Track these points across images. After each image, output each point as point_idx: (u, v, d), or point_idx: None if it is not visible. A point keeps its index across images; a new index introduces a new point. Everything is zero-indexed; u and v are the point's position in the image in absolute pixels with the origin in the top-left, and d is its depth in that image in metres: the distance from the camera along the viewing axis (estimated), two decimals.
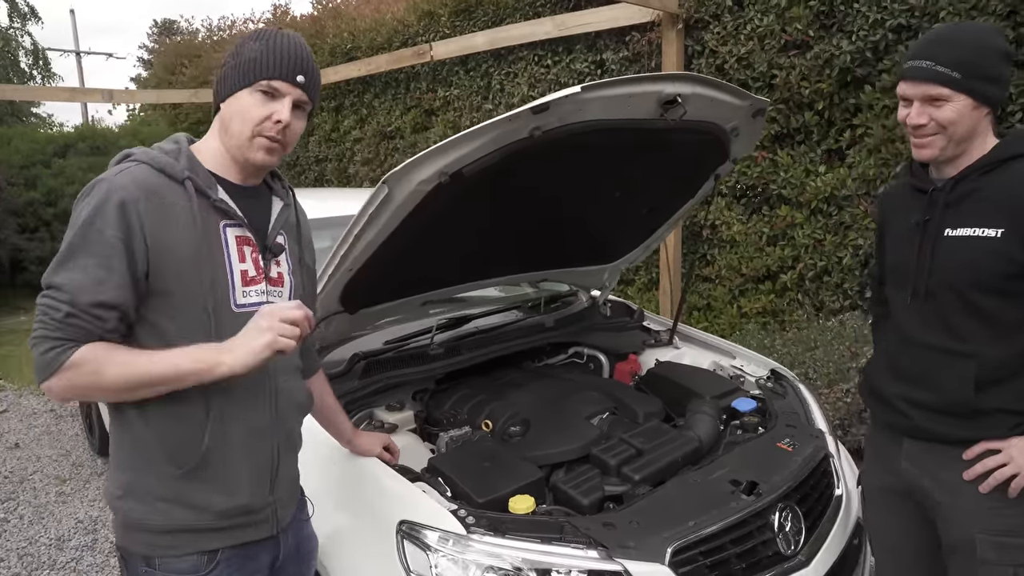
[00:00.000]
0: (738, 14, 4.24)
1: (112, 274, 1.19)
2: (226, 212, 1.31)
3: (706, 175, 2.43)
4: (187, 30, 12.34)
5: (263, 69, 1.29)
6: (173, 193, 1.26)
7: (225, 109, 1.33)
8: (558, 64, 5.32)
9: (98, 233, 1.19)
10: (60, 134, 9.95)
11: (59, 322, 1.18)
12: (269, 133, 1.31)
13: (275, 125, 1.30)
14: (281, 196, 1.45)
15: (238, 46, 1.33)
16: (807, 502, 1.87)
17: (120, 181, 1.22)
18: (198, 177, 1.28)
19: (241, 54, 1.31)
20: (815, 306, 4.22)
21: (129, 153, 1.29)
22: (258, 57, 1.29)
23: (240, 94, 1.30)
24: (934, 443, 1.58)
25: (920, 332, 1.57)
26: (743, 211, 4.50)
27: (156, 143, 1.34)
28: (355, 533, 1.72)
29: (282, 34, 1.33)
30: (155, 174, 1.26)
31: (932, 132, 1.48)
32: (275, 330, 1.21)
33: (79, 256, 1.20)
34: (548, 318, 2.74)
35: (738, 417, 2.25)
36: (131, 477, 1.32)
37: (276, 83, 1.29)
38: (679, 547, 1.58)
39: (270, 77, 1.29)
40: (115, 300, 1.20)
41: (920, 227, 1.57)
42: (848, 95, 3.88)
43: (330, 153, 7.88)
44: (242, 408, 1.34)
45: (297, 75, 1.31)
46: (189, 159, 1.30)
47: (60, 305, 1.18)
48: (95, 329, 1.20)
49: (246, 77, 1.29)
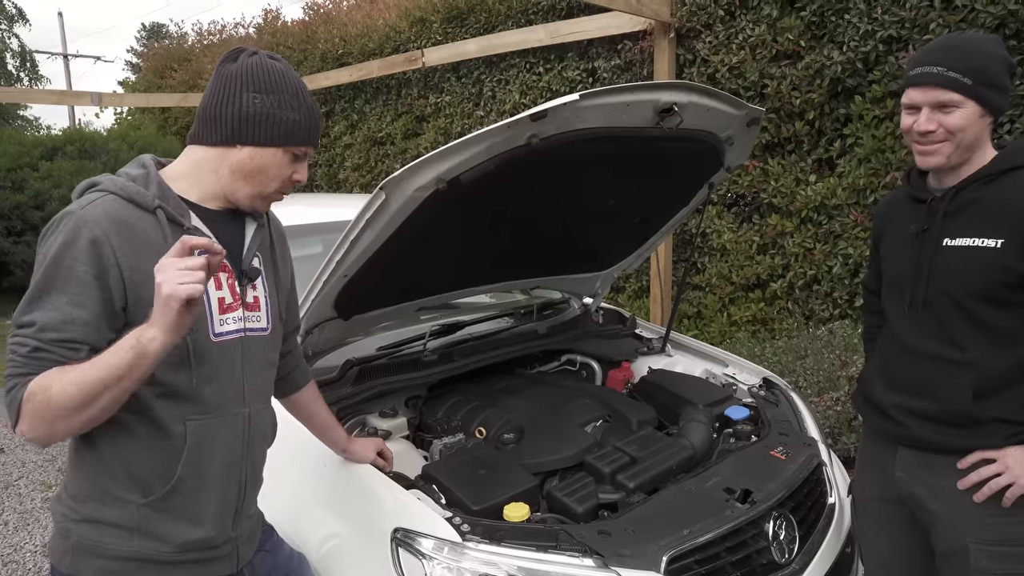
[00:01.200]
0: (730, 24, 4.27)
1: (83, 311, 1.16)
2: None
3: (700, 183, 2.44)
4: (176, 34, 12.28)
5: (304, 136, 1.33)
6: (144, 223, 1.22)
7: (249, 157, 1.29)
8: (550, 72, 5.34)
9: (68, 270, 1.16)
10: (48, 137, 9.85)
11: (24, 357, 1.14)
12: (287, 190, 1.36)
13: (294, 184, 1.35)
14: (254, 217, 1.43)
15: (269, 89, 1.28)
16: (801, 510, 1.87)
17: (90, 215, 1.18)
18: (169, 205, 1.25)
19: (279, 109, 1.28)
20: (805, 315, 4.24)
21: (95, 182, 1.26)
22: (301, 121, 1.31)
23: (274, 150, 1.30)
24: (929, 452, 1.58)
25: (918, 341, 1.58)
26: (734, 219, 4.52)
27: (122, 168, 1.31)
28: (349, 541, 1.70)
29: (305, 89, 1.35)
30: (124, 204, 1.22)
31: (940, 139, 1.49)
32: (172, 281, 1.06)
33: (51, 294, 1.16)
34: (541, 325, 2.74)
35: (731, 425, 2.26)
36: (91, 499, 1.28)
37: (309, 149, 1.36)
38: (674, 555, 1.57)
39: (307, 144, 1.34)
40: (84, 338, 1.16)
41: (919, 237, 1.58)
42: (838, 105, 3.92)
43: (320, 159, 7.86)
44: (218, 437, 1.32)
45: (319, 139, 1.38)
46: (159, 186, 1.26)
47: (27, 341, 1.15)
48: (64, 361, 1.15)
49: (287, 138, 1.30)
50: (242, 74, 1.27)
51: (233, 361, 1.34)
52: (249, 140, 1.28)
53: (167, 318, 1.07)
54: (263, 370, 1.43)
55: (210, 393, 1.30)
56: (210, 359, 1.29)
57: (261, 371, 1.42)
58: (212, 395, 1.30)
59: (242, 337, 1.35)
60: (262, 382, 1.43)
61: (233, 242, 1.36)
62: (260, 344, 1.40)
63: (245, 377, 1.36)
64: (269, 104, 1.27)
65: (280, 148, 1.30)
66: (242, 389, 1.36)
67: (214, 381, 1.30)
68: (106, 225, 1.18)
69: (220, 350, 1.31)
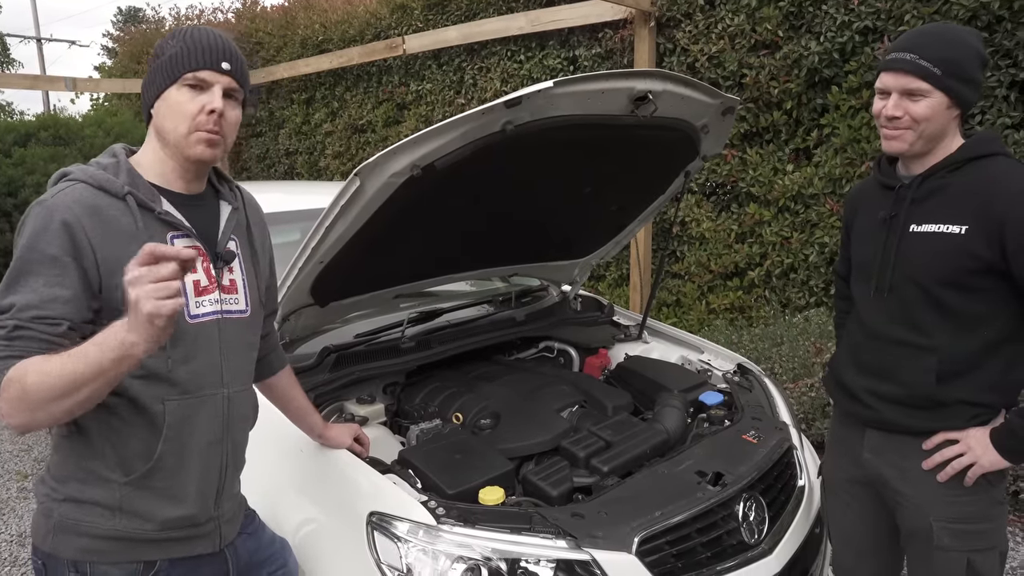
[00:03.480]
0: (709, 13, 4.29)
1: (63, 290, 1.16)
2: (172, 224, 1.29)
3: (676, 172, 2.46)
4: (153, 19, 12.07)
5: (186, 62, 1.27)
6: (114, 209, 1.23)
7: (156, 112, 1.30)
8: (531, 60, 5.34)
9: (42, 254, 1.16)
10: (21, 123, 9.65)
11: (5, 340, 1.14)
12: (206, 126, 1.28)
13: (210, 116, 1.27)
14: (229, 200, 1.42)
15: (158, 48, 1.31)
16: (771, 493, 1.90)
17: (60, 201, 1.19)
18: (139, 191, 1.25)
19: (162, 54, 1.29)
20: (781, 302, 4.30)
21: (66, 172, 1.26)
22: (178, 52, 1.27)
23: (168, 93, 1.28)
24: (896, 434, 1.62)
25: (884, 326, 1.62)
26: (712, 208, 4.56)
27: (94, 158, 1.31)
28: (326, 525, 1.71)
29: (198, 28, 1.31)
30: (95, 192, 1.22)
31: (905, 126, 1.52)
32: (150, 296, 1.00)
33: (27, 277, 1.16)
34: (519, 312, 2.75)
35: (705, 410, 2.29)
36: (73, 480, 1.29)
37: (202, 73, 1.27)
38: (646, 536, 1.60)
39: (195, 68, 1.27)
40: (63, 315, 1.16)
41: (886, 223, 1.61)
42: (816, 95, 3.96)
43: (301, 146, 7.80)
44: (197, 417, 1.33)
45: (221, 62, 1.28)
46: (129, 173, 1.27)
47: (5, 322, 1.14)
48: (45, 336, 1.14)
49: (170, 74, 1.27)
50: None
51: (210, 343, 1.34)
52: (151, 98, 1.30)
53: (150, 332, 1.03)
54: (243, 352, 1.44)
55: (187, 374, 1.30)
56: (185, 341, 1.29)
57: (240, 353, 1.43)
58: (189, 376, 1.31)
59: (219, 319, 1.36)
60: (242, 363, 1.44)
61: (208, 225, 1.36)
62: (238, 326, 1.40)
63: (224, 358, 1.37)
64: (157, 57, 1.29)
65: (172, 87, 1.27)
66: (220, 370, 1.36)
67: (191, 362, 1.31)
68: (77, 210, 1.19)
69: (196, 332, 1.31)
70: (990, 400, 1.54)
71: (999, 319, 1.51)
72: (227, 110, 1.30)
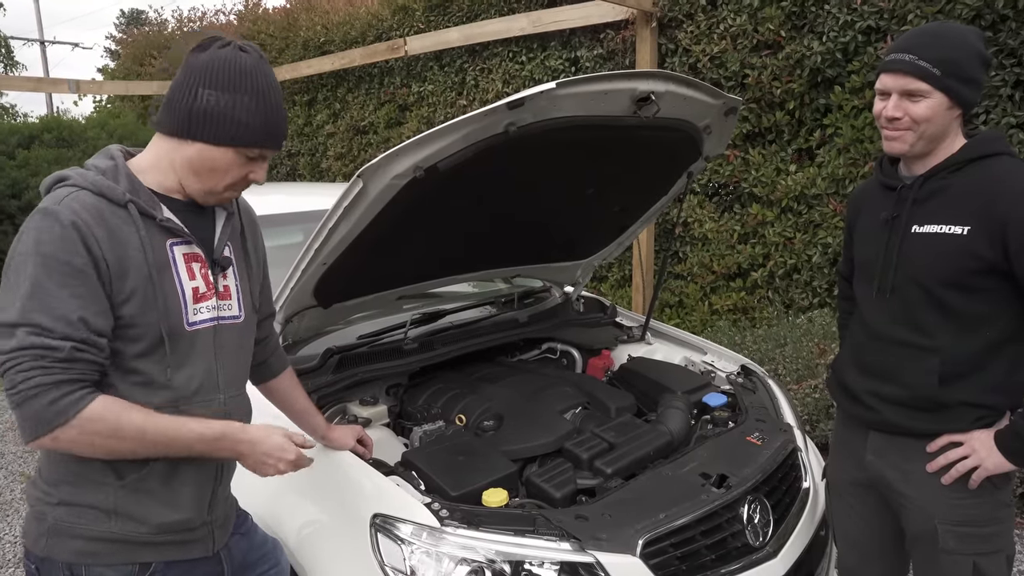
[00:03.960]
0: (711, 14, 4.28)
1: (90, 301, 1.16)
2: (173, 231, 1.28)
3: (679, 173, 2.46)
4: (156, 20, 12.10)
5: (260, 139, 1.25)
6: (116, 217, 1.21)
7: (199, 153, 1.25)
8: (533, 61, 5.33)
9: (65, 263, 1.14)
10: (24, 125, 9.68)
11: (64, 362, 1.12)
12: (240, 189, 1.30)
13: (249, 184, 1.30)
14: (224, 206, 1.41)
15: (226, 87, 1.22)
16: (775, 495, 1.90)
17: (68, 208, 1.17)
18: (140, 199, 1.24)
19: (232, 109, 1.22)
20: (785, 303, 4.29)
21: (63, 176, 1.23)
22: (255, 124, 1.23)
23: (224, 150, 1.24)
24: (898, 436, 1.62)
25: (886, 327, 1.61)
26: (715, 209, 4.55)
27: (89, 159, 1.28)
28: (328, 527, 1.71)
29: (272, 89, 1.26)
30: (96, 199, 1.20)
31: (905, 127, 1.51)
32: (274, 464, 1.36)
33: (49, 289, 1.13)
34: (522, 314, 2.75)
35: (709, 412, 2.28)
36: (67, 483, 1.28)
37: (267, 152, 1.29)
38: (650, 539, 1.60)
39: (261, 147, 1.27)
40: (104, 327, 1.17)
41: (888, 223, 1.60)
42: (818, 95, 3.95)
43: (303, 147, 7.80)
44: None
45: (283, 140, 1.29)
46: (128, 179, 1.24)
47: (59, 343, 1.12)
48: (99, 359, 1.17)
49: (237, 140, 1.24)
50: (204, 67, 1.22)
51: (206, 349, 1.34)
52: (198, 136, 1.24)
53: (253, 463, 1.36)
54: (237, 358, 1.43)
55: (184, 380, 1.30)
56: (184, 348, 1.29)
57: (235, 359, 1.42)
58: (186, 383, 1.30)
59: (215, 325, 1.35)
60: (236, 369, 1.44)
61: (204, 232, 1.36)
62: (233, 332, 1.40)
63: (219, 365, 1.37)
64: (224, 103, 1.21)
65: (230, 148, 1.25)
66: (216, 376, 1.36)
67: (188, 369, 1.31)
68: (86, 217, 1.17)
69: (194, 339, 1.31)
70: (994, 402, 1.53)
71: (1002, 320, 1.50)
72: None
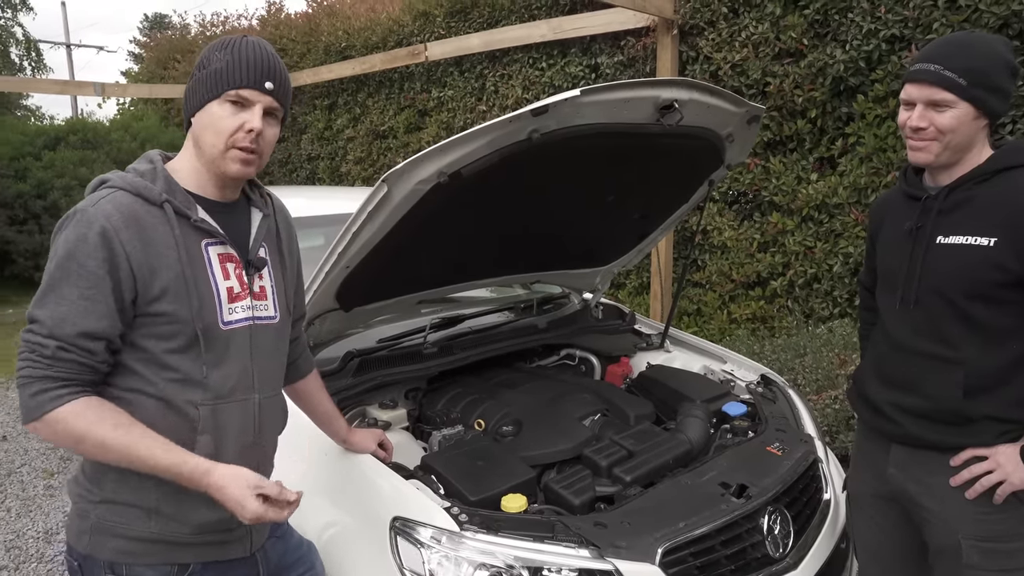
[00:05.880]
0: (733, 21, 4.27)
1: (97, 304, 1.18)
2: (207, 231, 1.31)
3: (700, 181, 2.45)
4: (179, 25, 12.27)
5: (230, 79, 1.27)
6: (153, 217, 1.24)
7: (196, 123, 1.31)
8: (552, 67, 5.34)
9: (80, 266, 1.18)
10: (51, 127, 9.86)
11: (48, 359, 1.17)
12: (243, 144, 1.28)
13: (247, 135, 1.28)
14: (260, 207, 1.44)
15: (204, 57, 1.31)
16: (796, 506, 1.89)
17: (100, 210, 1.20)
18: (176, 199, 1.27)
19: (208, 66, 1.29)
20: (805, 313, 4.25)
21: (105, 179, 1.28)
22: (224, 67, 1.27)
23: (209, 106, 1.28)
24: (922, 449, 1.60)
25: (909, 338, 1.59)
26: (735, 217, 4.53)
27: (131, 164, 1.32)
28: (349, 529, 1.72)
29: (247, 41, 1.30)
30: (133, 199, 1.24)
31: (931, 137, 1.50)
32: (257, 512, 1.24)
33: (61, 288, 1.18)
34: (541, 320, 2.75)
35: (728, 421, 2.27)
36: (110, 482, 1.30)
37: (245, 92, 1.27)
38: (669, 548, 1.59)
39: (238, 86, 1.27)
40: (99, 330, 1.19)
41: (912, 234, 1.59)
42: (841, 104, 3.93)
43: (323, 151, 7.87)
44: (231, 422, 1.34)
45: (265, 82, 1.28)
46: (166, 180, 1.28)
47: (46, 341, 1.17)
48: (86, 361, 1.19)
49: (214, 88, 1.27)
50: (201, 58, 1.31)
51: (242, 349, 1.36)
52: (192, 109, 1.31)
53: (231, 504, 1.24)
54: (273, 358, 1.45)
55: (220, 379, 1.32)
56: (219, 347, 1.31)
57: (271, 358, 1.44)
58: (222, 381, 1.32)
59: (251, 325, 1.37)
60: (272, 369, 1.45)
61: (239, 232, 1.38)
62: (269, 332, 1.42)
63: (255, 364, 1.38)
64: (204, 70, 1.29)
65: (214, 101, 1.28)
66: (251, 376, 1.38)
67: (224, 368, 1.33)
68: (116, 220, 1.20)
69: (229, 338, 1.33)
70: (1020, 416, 1.51)
71: None
72: (266, 128, 1.31)
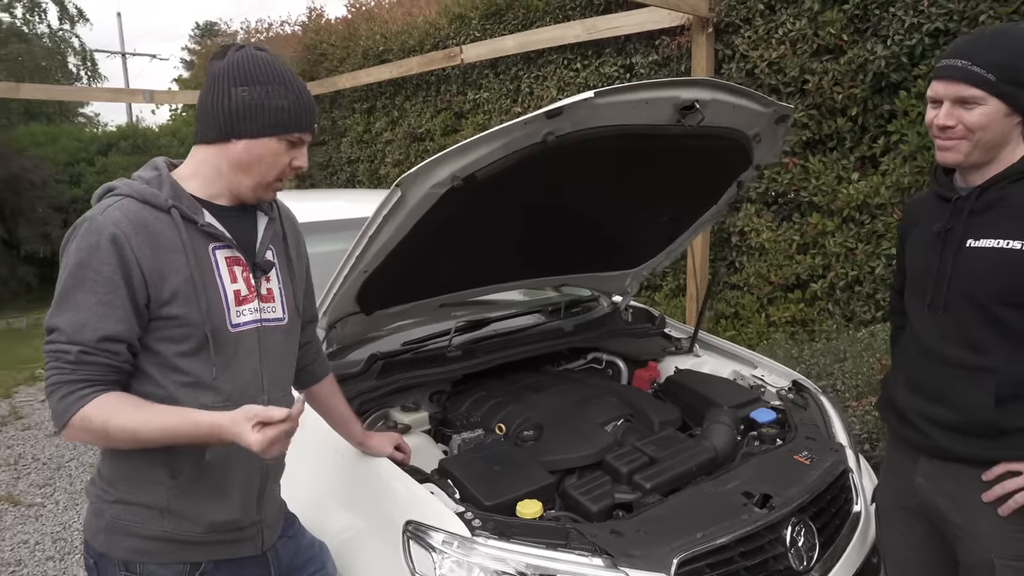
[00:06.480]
0: (770, 18, 4.17)
1: (114, 309, 1.21)
2: (214, 235, 1.33)
3: (729, 182, 2.40)
4: (226, 32, 12.57)
5: (296, 122, 1.33)
6: (160, 222, 1.27)
7: (245, 149, 1.32)
8: (587, 68, 5.30)
9: (95, 272, 1.21)
10: (104, 133, 10.24)
11: (72, 364, 1.20)
12: (288, 177, 1.38)
13: (295, 171, 1.37)
14: (265, 211, 1.46)
15: (255, 80, 1.30)
16: (823, 517, 1.83)
17: (109, 217, 1.23)
18: (182, 204, 1.30)
19: (266, 98, 1.30)
20: (846, 316, 4.13)
21: (112, 187, 1.31)
22: (290, 108, 1.31)
23: (267, 140, 1.32)
24: (952, 462, 1.53)
25: (938, 345, 1.53)
26: (773, 218, 4.43)
27: (136, 172, 1.35)
28: (364, 531, 1.73)
29: (299, 81, 1.35)
30: (141, 206, 1.27)
31: (959, 136, 1.43)
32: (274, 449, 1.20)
33: (77, 296, 1.21)
34: (568, 323, 2.72)
35: (756, 428, 2.22)
36: (124, 482, 1.34)
37: (305, 135, 1.36)
38: (686, 558, 1.56)
39: (302, 130, 1.34)
40: (119, 333, 1.22)
41: (941, 236, 1.52)
42: (882, 101, 3.80)
43: (362, 154, 7.97)
44: None
45: (315, 123, 1.37)
46: (172, 186, 1.31)
47: (68, 347, 1.20)
48: (110, 362, 1.22)
49: (277, 127, 1.31)
50: (229, 69, 1.30)
51: (251, 351, 1.38)
52: (243, 133, 1.31)
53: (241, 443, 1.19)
54: (282, 359, 1.47)
55: (230, 381, 1.34)
56: (229, 349, 1.34)
57: (279, 360, 1.46)
58: (232, 384, 1.34)
59: (259, 327, 1.39)
60: (281, 371, 1.47)
61: (246, 236, 1.40)
62: (277, 334, 1.44)
63: (264, 366, 1.40)
64: (257, 95, 1.29)
65: (273, 137, 1.32)
66: (261, 377, 1.40)
67: (234, 370, 1.35)
68: (125, 227, 1.23)
69: (238, 340, 1.35)
70: None
71: None
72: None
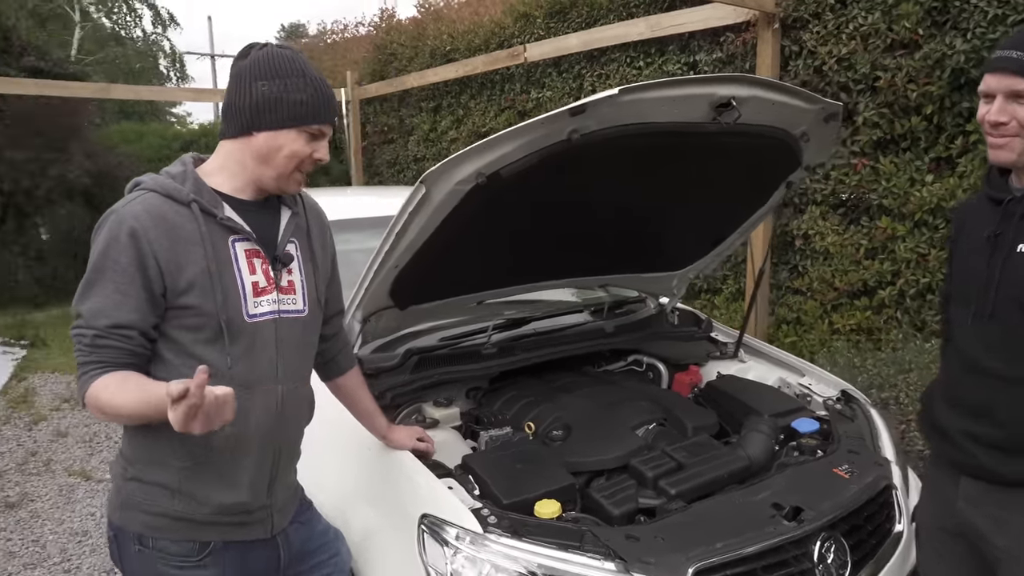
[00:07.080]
0: (840, 12, 3.99)
1: (128, 298, 1.29)
2: (233, 228, 1.38)
3: (777, 183, 2.31)
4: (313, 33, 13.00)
5: (315, 114, 1.37)
6: (180, 216, 1.33)
7: (264, 141, 1.37)
8: (651, 66, 5.22)
9: (114, 262, 1.29)
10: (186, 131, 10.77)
11: (88, 347, 1.29)
12: (308, 168, 1.41)
13: (316, 162, 1.40)
14: (289, 205, 1.50)
15: (276, 75, 1.35)
16: (858, 534, 1.74)
17: (130, 211, 1.31)
18: (202, 198, 1.36)
19: (285, 91, 1.34)
20: (915, 326, 3.92)
21: (139, 181, 1.38)
22: (309, 101, 1.36)
23: (287, 132, 1.36)
24: (996, 483, 1.43)
25: (982, 357, 1.43)
26: (839, 221, 4.24)
27: (165, 167, 1.42)
28: (382, 523, 1.75)
29: (320, 76, 1.39)
30: (162, 200, 1.33)
31: (1012, 132, 1.34)
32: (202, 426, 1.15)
33: (98, 284, 1.30)
34: (608, 324, 2.68)
35: (797, 438, 2.13)
36: (139, 461, 1.41)
37: (326, 128, 1.39)
38: (702, 568, 1.51)
39: (321, 122, 1.38)
40: (131, 321, 1.29)
41: (991, 241, 1.42)
42: (961, 99, 3.58)
43: (428, 153, 8.08)
44: (252, 410, 1.40)
45: (335, 116, 1.41)
46: (195, 181, 1.37)
47: (85, 331, 1.29)
48: (124, 346, 1.29)
49: (296, 119, 1.36)
50: (251, 66, 1.35)
51: (268, 341, 1.42)
52: (263, 125, 1.35)
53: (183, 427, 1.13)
54: (299, 350, 1.51)
55: (244, 369, 1.38)
56: (245, 339, 1.38)
57: (297, 350, 1.50)
58: (246, 371, 1.39)
59: (276, 318, 1.43)
60: (298, 361, 1.51)
61: (268, 229, 1.44)
62: (296, 325, 1.48)
63: (280, 356, 1.44)
64: (277, 88, 1.33)
65: (293, 129, 1.36)
66: (276, 367, 1.44)
67: (249, 359, 1.39)
68: (144, 220, 1.30)
69: (255, 330, 1.40)
70: None
71: None
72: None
